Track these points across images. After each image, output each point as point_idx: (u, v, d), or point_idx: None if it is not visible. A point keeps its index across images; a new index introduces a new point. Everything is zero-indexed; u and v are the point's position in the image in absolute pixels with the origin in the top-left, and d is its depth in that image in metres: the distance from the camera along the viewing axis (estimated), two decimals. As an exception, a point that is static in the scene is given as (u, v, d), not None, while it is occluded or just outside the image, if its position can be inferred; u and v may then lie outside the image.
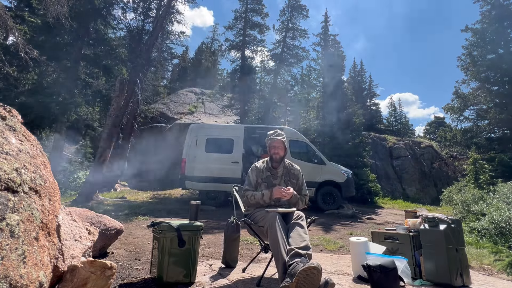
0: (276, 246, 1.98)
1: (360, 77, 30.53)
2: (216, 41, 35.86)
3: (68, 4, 8.07)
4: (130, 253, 3.62)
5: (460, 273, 2.35)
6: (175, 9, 14.23)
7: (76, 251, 1.97)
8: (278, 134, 2.56)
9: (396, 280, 2.06)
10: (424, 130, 34.62)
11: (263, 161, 2.66)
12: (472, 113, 16.77)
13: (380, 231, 2.91)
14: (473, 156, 10.40)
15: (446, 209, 9.76)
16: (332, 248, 4.31)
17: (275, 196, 2.35)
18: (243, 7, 17.66)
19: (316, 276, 1.68)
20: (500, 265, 3.24)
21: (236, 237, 2.87)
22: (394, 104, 34.39)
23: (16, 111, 1.77)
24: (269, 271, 2.40)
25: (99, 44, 12.53)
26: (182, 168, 8.25)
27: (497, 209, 5.36)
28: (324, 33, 16.35)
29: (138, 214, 6.62)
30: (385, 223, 7.31)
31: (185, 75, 32.06)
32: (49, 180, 1.64)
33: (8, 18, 7.17)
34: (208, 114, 19.83)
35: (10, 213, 1.23)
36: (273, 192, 2.36)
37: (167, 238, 2.37)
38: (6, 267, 1.12)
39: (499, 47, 15.54)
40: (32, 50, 7.85)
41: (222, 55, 22.46)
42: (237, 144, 8.39)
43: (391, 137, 19.54)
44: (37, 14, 11.51)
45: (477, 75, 15.86)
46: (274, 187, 2.41)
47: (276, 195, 2.35)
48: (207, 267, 2.87)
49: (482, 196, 7.50)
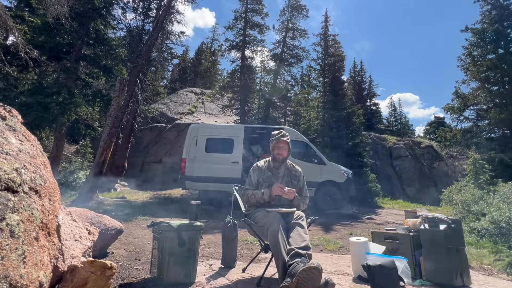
0: (276, 246, 1.98)
1: (360, 77, 30.52)
2: (216, 41, 35.93)
3: (68, 4, 8.06)
4: (130, 253, 3.62)
5: (460, 273, 2.35)
6: (175, 9, 14.26)
7: (76, 251, 1.97)
8: (283, 134, 2.54)
9: (396, 280, 2.06)
10: (424, 130, 34.66)
11: (265, 160, 2.65)
12: (472, 113, 16.76)
13: (380, 231, 2.91)
14: (473, 156, 10.39)
15: (446, 209, 9.76)
16: (332, 248, 4.31)
17: (274, 193, 2.34)
18: (243, 7, 17.67)
19: (317, 276, 1.68)
20: (500, 265, 3.24)
21: (233, 237, 2.87)
22: (394, 104, 34.44)
23: (16, 111, 1.77)
24: (269, 271, 2.40)
25: (99, 44, 12.52)
26: (182, 168, 8.25)
27: (497, 209, 5.36)
28: (324, 33, 16.35)
29: (138, 214, 6.62)
30: (385, 223, 7.31)
31: (185, 75, 32.05)
32: (49, 180, 1.64)
33: (8, 18, 7.16)
34: (208, 114, 19.83)
35: (10, 213, 1.23)
36: (271, 189, 2.35)
37: (167, 238, 2.37)
38: (6, 267, 1.12)
39: (499, 47, 15.53)
40: (32, 50, 7.85)
41: (222, 55, 22.48)
42: (237, 144, 8.38)
43: (391, 137, 19.54)
44: (37, 14, 11.52)
45: (477, 75, 15.85)
46: (273, 184, 2.39)
47: (275, 192, 2.33)
48: (207, 267, 2.87)
49: (482, 196, 7.49)
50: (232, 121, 16.72)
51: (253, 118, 17.02)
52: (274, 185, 2.37)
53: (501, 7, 15.76)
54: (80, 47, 12.02)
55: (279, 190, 2.31)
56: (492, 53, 15.67)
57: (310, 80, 18.33)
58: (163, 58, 17.25)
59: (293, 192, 2.36)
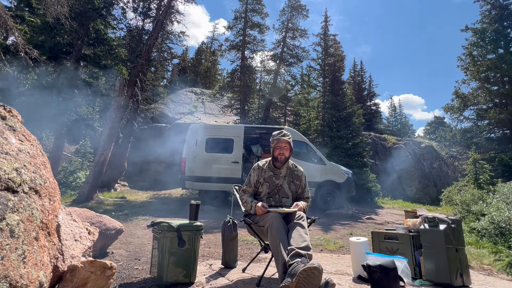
0: (276, 246, 1.97)
1: (360, 77, 30.50)
2: (216, 41, 35.94)
3: (68, 4, 8.06)
4: (130, 253, 3.62)
5: (460, 273, 2.35)
6: (175, 9, 14.25)
7: (76, 251, 1.97)
8: (284, 134, 2.51)
9: (396, 280, 2.06)
10: (424, 130, 34.70)
11: (266, 160, 2.63)
12: (472, 113, 16.79)
13: (380, 231, 2.91)
14: (473, 156, 10.39)
15: (446, 209, 9.76)
16: (332, 248, 4.31)
17: (257, 213, 2.33)
18: (243, 7, 17.68)
19: (317, 276, 1.68)
20: (500, 265, 3.24)
21: (233, 237, 2.87)
22: (394, 105, 34.46)
23: (16, 111, 1.77)
24: (269, 271, 2.40)
25: (99, 44, 12.52)
26: (182, 168, 8.25)
27: (497, 209, 5.36)
28: (324, 33, 16.36)
29: (138, 214, 6.62)
30: (385, 223, 7.31)
31: (185, 75, 32.05)
32: (49, 180, 1.64)
33: (8, 18, 7.16)
34: (208, 114, 19.84)
35: (10, 213, 1.23)
36: (256, 208, 2.33)
37: (167, 238, 2.37)
38: (6, 267, 1.12)
39: (499, 47, 15.54)
40: (32, 50, 7.84)
41: (222, 55, 22.48)
42: (237, 144, 8.39)
43: (391, 137, 19.53)
44: (37, 14, 11.49)
45: (477, 75, 15.87)
46: (258, 203, 2.36)
47: (257, 212, 2.32)
48: (207, 267, 2.87)
49: (482, 196, 7.49)
50: (232, 121, 16.72)
51: (253, 118, 17.03)
52: (259, 203, 2.35)
53: (501, 7, 15.78)
54: (80, 47, 12.02)
55: (260, 211, 2.29)
56: (492, 53, 15.69)
57: (310, 80, 18.31)
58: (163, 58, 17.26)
59: (298, 206, 2.35)
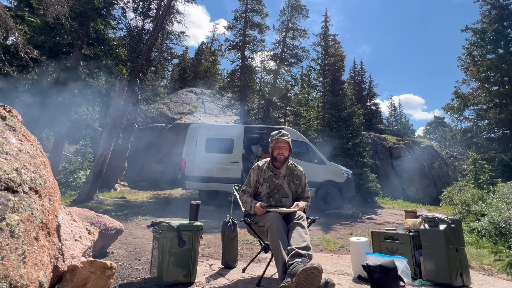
0: (276, 246, 1.97)
1: (360, 77, 30.50)
2: (216, 41, 35.94)
3: (68, 4, 8.06)
4: (130, 253, 3.62)
5: (460, 273, 2.35)
6: (175, 9, 14.26)
7: (76, 251, 1.97)
8: (283, 134, 2.51)
9: (396, 280, 2.06)
10: (424, 130, 34.70)
11: (266, 160, 2.63)
12: (472, 113, 16.79)
13: (380, 231, 2.91)
14: (473, 156, 10.40)
15: (446, 209, 9.76)
16: (332, 248, 4.31)
17: (256, 213, 2.34)
18: (243, 7, 17.68)
19: (317, 276, 1.68)
20: (500, 265, 3.24)
21: (233, 237, 2.87)
22: (394, 105, 34.46)
23: (16, 111, 1.77)
24: (269, 271, 2.40)
25: (99, 44, 12.53)
26: (182, 168, 8.25)
27: (497, 209, 5.36)
28: (324, 33, 16.36)
29: (138, 214, 6.62)
30: (385, 223, 7.31)
31: (185, 75, 32.05)
32: (49, 180, 1.64)
33: (8, 18, 7.16)
34: (208, 114, 19.82)
35: (10, 213, 1.23)
36: (255, 208, 2.35)
37: (167, 238, 2.37)
38: (6, 267, 1.12)
39: (499, 47, 15.55)
40: (32, 50, 7.84)
41: (222, 55, 22.49)
42: (237, 144, 8.39)
43: (391, 137, 19.53)
44: (37, 14, 11.50)
45: (477, 75, 15.87)
46: (257, 203, 2.37)
47: (257, 213, 2.34)
48: (207, 267, 2.87)
49: (482, 196, 7.50)
50: (232, 121, 16.72)
51: (253, 118, 17.03)
52: (258, 203, 2.36)
53: (501, 7, 15.77)
54: (80, 47, 12.03)
55: (259, 211, 2.31)
56: (492, 53, 15.70)
57: (310, 80, 18.31)
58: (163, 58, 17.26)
59: (298, 206, 2.36)
